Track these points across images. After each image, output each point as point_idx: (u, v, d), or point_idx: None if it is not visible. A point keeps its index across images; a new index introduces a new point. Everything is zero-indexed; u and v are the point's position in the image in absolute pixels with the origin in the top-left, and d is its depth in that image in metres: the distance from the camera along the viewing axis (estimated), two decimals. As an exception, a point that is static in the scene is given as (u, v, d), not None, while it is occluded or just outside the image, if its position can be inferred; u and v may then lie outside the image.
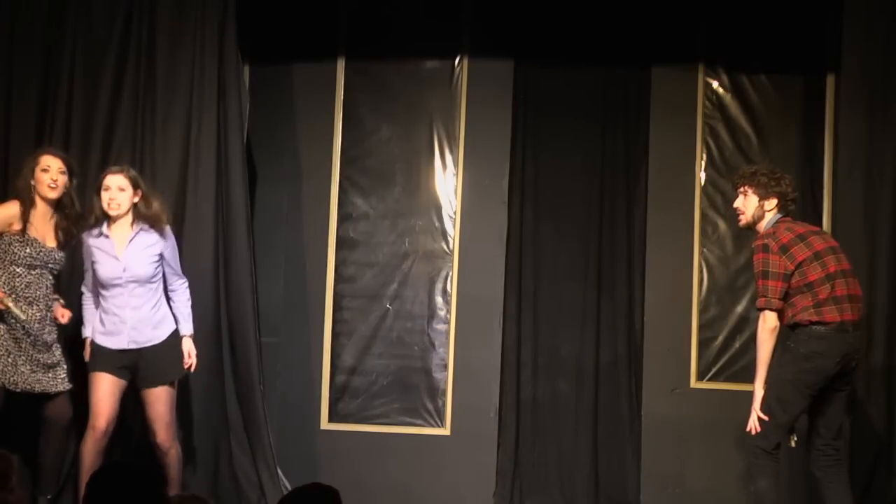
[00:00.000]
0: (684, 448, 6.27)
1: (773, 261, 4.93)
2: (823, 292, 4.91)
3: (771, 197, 5.09)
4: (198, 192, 6.01)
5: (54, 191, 5.36)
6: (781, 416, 4.95)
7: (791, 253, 4.94)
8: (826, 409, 5.05)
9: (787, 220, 5.09)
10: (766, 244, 4.97)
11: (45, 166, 5.36)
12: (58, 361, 5.42)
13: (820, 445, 5.06)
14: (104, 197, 5.36)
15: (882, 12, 5.86)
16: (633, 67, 6.57)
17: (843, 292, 4.95)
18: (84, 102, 6.05)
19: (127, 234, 5.38)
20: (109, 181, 5.38)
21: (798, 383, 4.93)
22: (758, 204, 5.11)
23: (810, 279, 4.92)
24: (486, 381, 6.39)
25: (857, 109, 5.88)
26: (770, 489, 4.93)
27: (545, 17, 6.56)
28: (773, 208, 5.10)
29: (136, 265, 5.35)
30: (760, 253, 4.97)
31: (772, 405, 4.96)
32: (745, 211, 5.15)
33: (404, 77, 6.62)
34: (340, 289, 6.54)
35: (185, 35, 6.06)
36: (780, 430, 4.97)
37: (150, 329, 5.39)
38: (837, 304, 4.92)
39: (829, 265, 4.96)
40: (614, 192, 6.60)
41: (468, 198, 6.51)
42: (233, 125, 6.06)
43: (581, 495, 6.42)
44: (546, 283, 6.59)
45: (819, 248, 4.99)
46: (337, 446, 6.41)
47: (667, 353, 6.35)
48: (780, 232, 5.01)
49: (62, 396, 5.42)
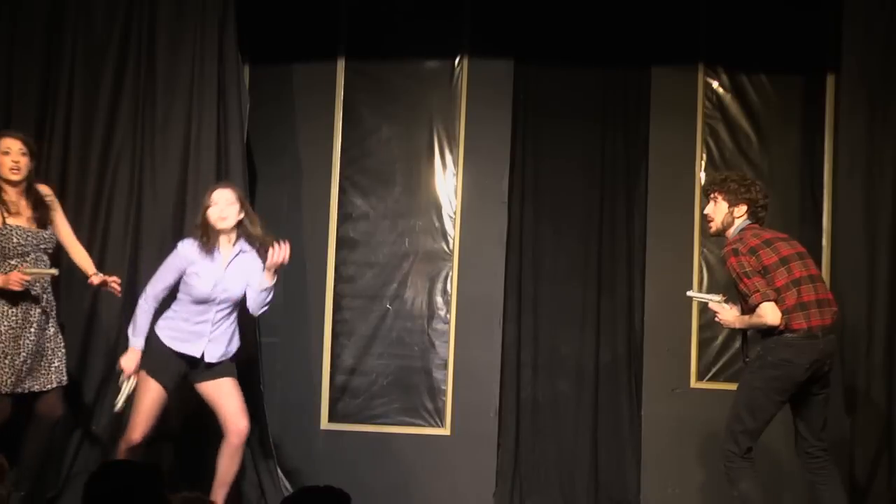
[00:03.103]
0: (684, 448, 6.26)
1: (745, 261, 4.92)
2: (790, 298, 4.89)
3: (740, 203, 5.07)
4: (198, 192, 5.99)
5: (17, 173, 5.26)
6: (751, 423, 4.96)
7: (759, 255, 4.94)
8: (805, 413, 5.06)
9: (755, 227, 5.08)
10: (735, 248, 4.96)
11: (6, 149, 5.28)
12: (54, 352, 5.32)
13: (807, 448, 5.07)
14: (213, 212, 5.27)
15: (882, 12, 5.87)
16: (633, 67, 6.57)
17: (811, 297, 4.93)
18: (84, 102, 6.06)
19: (229, 252, 5.32)
20: (217, 196, 5.31)
21: (768, 390, 4.94)
22: (727, 210, 5.10)
23: (777, 285, 4.91)
24: (486, 381, 6.39)
25: (857, 109, 5.88)
26: (752, 488, 4.95)
27: (545, 17, 6.56)
28: (743, 215, 5.08)
29: (232, 286, 5.29)
30: (732, 257, 4.96)
31: (741, 412, 4.97)
32: (715, 218, 5.13)
33: (404, 77, 6.62)
34: (340, 289, 6.55)
35: (185, 35, 6.07)
36: (750, 436, 4.98)
37: (224, 346, 5.36)
38: (804, 311, 4.90)
39: (794, 270, 4.93)
40: (614, 192, 6.61)
41: (468, 198, 6.51)
42: (233, 125, 6.06)
43: (581, 495, 6.42)
44: (546, 284, 6.59)
45: (785, 253, 4.97)
46: (337, 446, 6.41)
47: (667, 353, 6.36)
48: (746, 237, 5.00)
49: (54, 392, 5.33)
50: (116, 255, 5.96)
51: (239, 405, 5.35)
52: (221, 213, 5.27)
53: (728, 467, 5.00)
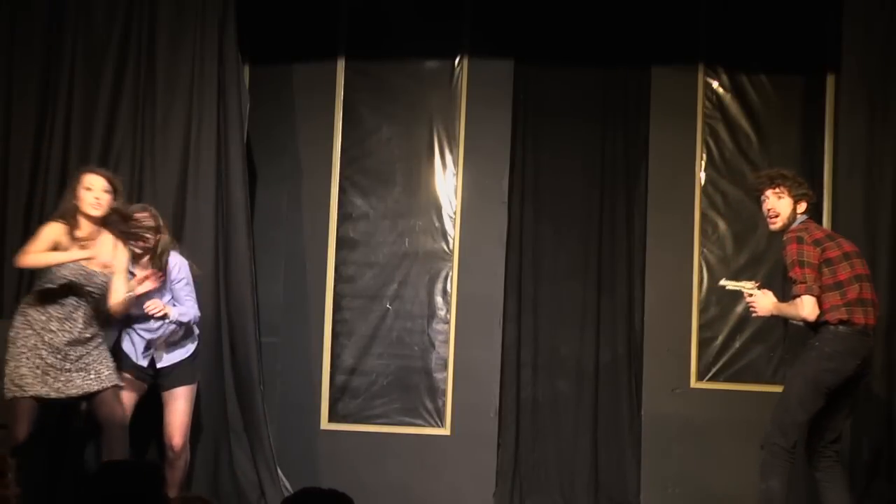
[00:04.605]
0: (684, 448, 6.26)
1: (807, 251, 4.91)
2: (852, 292, 4.92)
3: (802, 200, 5.09)
4: (198, 192, 6.01)
5: (98, 209, 5.16)
6: (801, 415, 4.93)
7: (823, 247, 4.95)
8: (833, 413, 5.03)
9: (813, 222, 5.12)
10: (799, 236, 4.96)
11: (88, 185, 5.16)
12: (95, 359, 5.15)
13: (820, 447, 5.05)
14: None
15: (882, 12, 5.87)
16: (633, 67, 6.57)
17: (868, 296, 4.97)
18: (84, 102, 6.05)
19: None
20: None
21: (819, 382, 4.92)
22: (792, 207, 5.09)
23: (840, 278, 4.92)
24: (486, 381, 6.39)
25: (857, 109, 5.88)
26: (780, 489, 4.90)
27: (545, 17, 6.56)
28: (805, 210, 5.10)
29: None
30: (794, 244, 4.94)
31: (792, 403, 4.94)
32: (781, 212, 5.09)
33: (404, 77, 6.62)
34: (340, 289, 6.54)
35: (185, 35, 6.07)
36: (799, 429, 4.95)
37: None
38: (863, 307, 4.93)
39: (857, 267, 4.98)
40: (614, 192, 6.60)
41: (468, 198, 6.51)
42: (233, 125, 6.06)
43: (581, 495, 6.42)
44: (546, 283, 6.59)
45: (847, 249, 5.01)
46: (337, 446, 6.41)
47: (667, 353, 6.35)
48: (811, 228, 5.03)
49: (108, 394, 5.15)
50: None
51: (174, 421, 5.46)
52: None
53: (767, 461, 4.93)
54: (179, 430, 5.46)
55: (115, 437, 5.12)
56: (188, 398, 5.50)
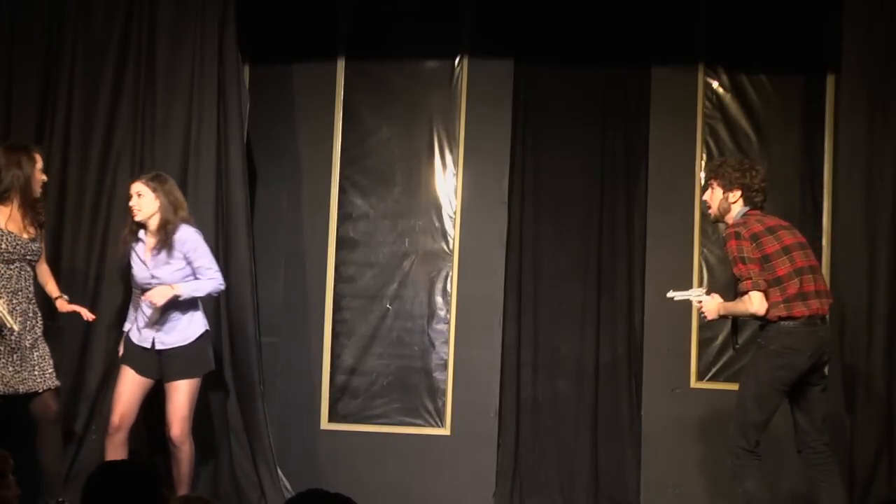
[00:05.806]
0: (684, 448, 6.26)
1: (745, 247, 4.93)
2: (792, 287, 4.91)
3: (734, 189, 5.09)
4: (198, 192, 6.01)
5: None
6: (758, 415, 4.96)
7: (760, 243, 4.95)
8: (805, 406, 5.05)
9: (757, 213, 5.09)
10: (737, 231, 4.98)
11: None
12: (42, 357, 5.27)
13: (810, 443, 5.06)
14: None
15: (882, 12, 5.87)
16: (633, 67, 6.57)
17: (811, 288, 4.96)
18: (84, 102, 6.05)
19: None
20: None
21: (773, 380, 4.94)
22: (722, 196, 5.12)
23: (779, 274, 4.93)
24: (486, 381, 6.39)
25: (857, 109, 5.88)
26: (758, 488, 4.95)
27: (545, 17, 6.56)
28: (738, 200, 5.10)
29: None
30: (732, 240, 4.97)
31: (748, 404, 4.97)
32: (712, 204, 5.18)
33: (404, 77, 6.62)
34: (340, 289, 6.54)
35: (185, 35, 6.06)
36: (757, 428, 4.98)
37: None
38: (804, 300, 4.92)
39: (797, 260, 4.96)
40: (614, 192, 6.60)
41: (468, 198, 6.51)
42: (233, 125, 6.06)
43: (581, 495, 6.42)
44: (546, 284, 6.59)
45: (788, 242, 4.99)
46: (337, 446, 6.41)
47: (667, 353, 6.35)
48: (749, 223, 5.01)
49: (48, 393, 5.27)
50: (116, 254, 5.95)
51: (173, 413, 5.46)
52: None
53: (735, 464, 4.99)
54: (178, 423, 5.44)
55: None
56: (187, 391, 5.46)
